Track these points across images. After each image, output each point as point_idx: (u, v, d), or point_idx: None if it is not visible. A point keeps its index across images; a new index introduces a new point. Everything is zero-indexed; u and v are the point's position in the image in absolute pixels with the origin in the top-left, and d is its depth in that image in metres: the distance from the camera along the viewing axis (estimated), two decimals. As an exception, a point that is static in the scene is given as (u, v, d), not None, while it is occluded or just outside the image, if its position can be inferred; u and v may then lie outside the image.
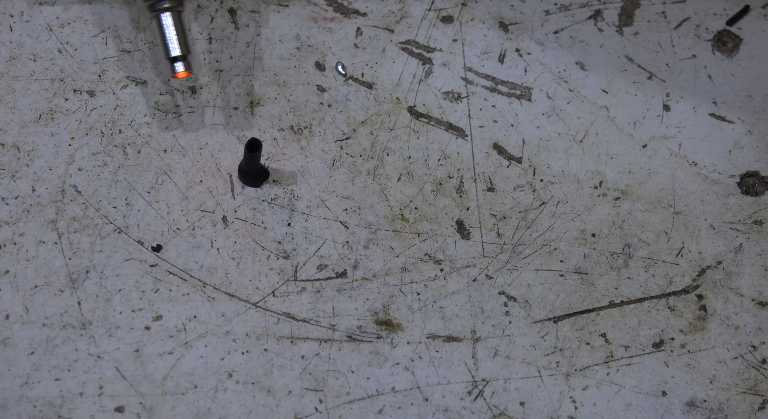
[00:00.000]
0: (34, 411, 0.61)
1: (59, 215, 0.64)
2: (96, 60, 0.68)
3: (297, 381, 0.63)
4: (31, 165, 0.65)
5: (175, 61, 0.63)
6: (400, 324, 0.64)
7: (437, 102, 0.69)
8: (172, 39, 0.63)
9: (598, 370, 0.64)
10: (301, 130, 0.68)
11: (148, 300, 0.63)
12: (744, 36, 0.72)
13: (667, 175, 0.68)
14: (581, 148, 0.69)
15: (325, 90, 0.69)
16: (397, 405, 0.63)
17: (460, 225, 0.66)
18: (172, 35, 0.63)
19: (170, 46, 0.62)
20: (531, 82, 0.70)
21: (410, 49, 0.70)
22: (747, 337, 0.65)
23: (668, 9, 0.72)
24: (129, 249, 0.64)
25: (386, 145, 0.68)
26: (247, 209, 0.65)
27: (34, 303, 0.62)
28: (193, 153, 0.66)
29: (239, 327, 0.63)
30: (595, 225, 0.67)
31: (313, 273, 0.65)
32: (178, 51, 0.63)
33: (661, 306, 0.66)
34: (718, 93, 0.70)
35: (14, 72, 0.67)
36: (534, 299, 0.65)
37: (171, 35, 0.63)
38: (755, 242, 0.67)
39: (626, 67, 0.70)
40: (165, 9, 0.63)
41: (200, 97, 0.67)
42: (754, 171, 0.69)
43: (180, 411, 0.61)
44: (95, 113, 0.66)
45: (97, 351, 0.62)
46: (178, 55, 0.63)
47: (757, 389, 0.64)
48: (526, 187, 0.67)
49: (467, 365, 0.64)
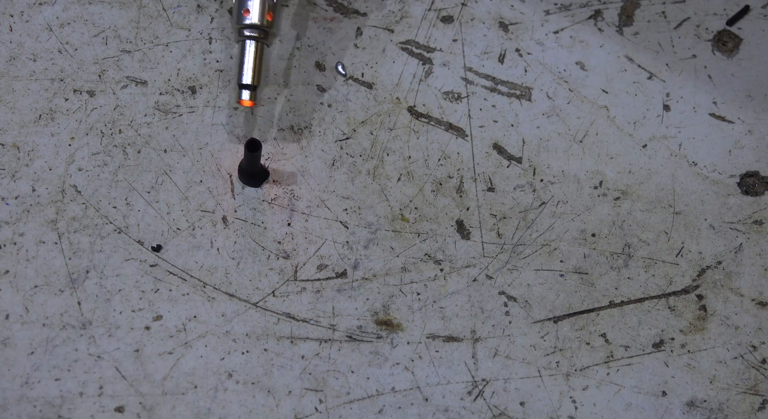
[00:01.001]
0: (34, 411, 0.61)
1: (59, 215, 0.64)
2: (96, 60, 0.68)
3: (297, 381, 0.63)
4: (31, 165, 0.65)
5: (244, 88, 0.64)
6: (400, 324, 0.64)
7: (437, 102, 0.69)
8: (248, 67, 0.64)
9: (598, 370, 0.64)
10: (301, 130, 0.68)
11: (148, 300, 0.63)
12: (744, 36, 0.72)
13: (667, 175, 0.68)
14: (581, 148, 0.69)
15: (325, 90, 0.69)
16: (397, 405, 0.63)
17: (460, 225, 0.66)
18: (250, 64, 0.64)
19: (244, 73, 0.64)
20: (531, 82, 0.70)
21: (410, 49, 0.70)
22: (747, 337, 0.65)
23: (668, 9, 0.72)
24: (129, 249, 0.64)
25: (386, 145, 0.68)
26: (247, 209, 0.65)
27: (34, 303, 0.62)
28: (193, 153, 0.66)
29: (239, 327, 0.63)
30: (595, 225, 0.67)
31: (313, 273, 0.65)
32: (249, 80, 0.64)
33: (661, 306, 0.66)
34: (718, 93, 0.70)
35: (14, 72, 0.67)
36: (534, 299, 0.65)
37: (248, 63, 0.64)
38: (755, 242, 0.67)
39: (626, 67, 0.70)
40: (251, 38, 0.64)
41: (200, 97, 0.67)
42: (754, 171, 0.69)
43: (180, 411, 0.61)
44: (95, 113, 0.66)
45: (97, 351, 0.62)
46: (248, 84, 0.64)
47: (757, 389, 0.64)
48: (526, 187, 0.67)
49: (467, 365, 0.64)
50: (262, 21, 0.64)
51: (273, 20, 0.64)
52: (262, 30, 0.64)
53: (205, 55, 0.68)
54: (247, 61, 0.64)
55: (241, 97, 0.64)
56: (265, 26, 0.64)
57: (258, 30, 0.64)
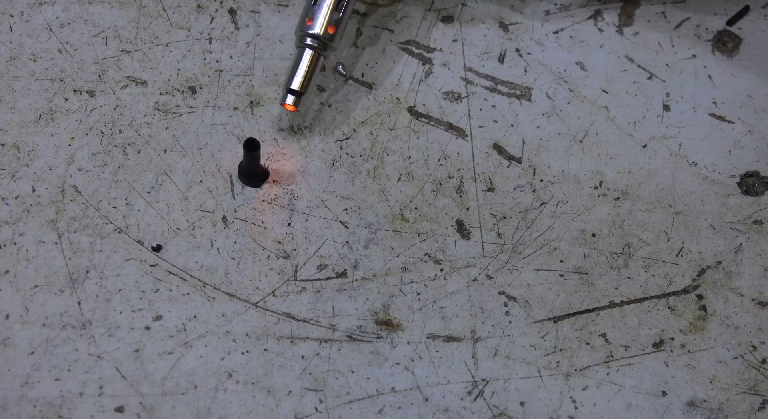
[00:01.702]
0: (34, 411, 0.61)
1: (59, 215, 0.64)
2: (96, 60, 0.68)
3: (297, 381, 0.63)
4: (31, 165, 0.65)
5: (290, 92, 0.65)
6: (400, 324, 0.64)
7: (437, 102, 0.69)
8: (299, 74, 0.65)
9: (598, 370, 0.64)
10: (301, 130, 0.68)
11: (148, 300, 0.63)
12: (744, 36, 0.72)
13: (667, 175, 0.68)
14: (581, 148, 0.69)
15: (325, 90, 0.69)
16: (397, 405, 0.63)
17: (460, 225, 0.66)
18: (302, 71, 0.65)
19: (294, 78, 0.65)
20: (531, 82, 0.70)
21: (410, 49, 0.70)
22: (747, 337, 0.65)
23: (668, 9, 0.72)
24: (129, 249, 0.64)
25: (386, 145, 0.68)
26: (247, 209, 0.65)
27: (34, 303, 0.62)
28: (193, 153, 0.66)
29: (239, 327, 0.63)
30: (595, 225, 0.67)
31: (313, 273, 0.65)
32: (297, 85, 0.64)
33: (661, 306, 0.66)
34: (718, 93, 0.70)
35: (14, 72, 0.67)
36: (534, 299, 0.65)
37: (301, 70, 0.65)
38: (755, 242, 0.67)
39: (626, 67, 0.70)
40: (310, 47, 0.65)
41: (200, 97, 0.67)
42: (754, 171, 0.69)
43: (180, 411, 0.61)
44: (95, 113, 0.66)
45: (97, 351, 0.62)
46: (295, 90, 0.65)
47: (757, 389, 0.64)
48: (526, 187, 0.67)
49: (467, 365, 0.64)
50: (324, 33, 0.64)
51: (334, 34, 0.65)
52: (321, 41, 0.65)
53: (205, 55, 0.68)
54: (301, 68, 0.65)
55: (286, 100, 0.65)
56: (325, 38, 0.65)
57: (317, 40, 0.65)
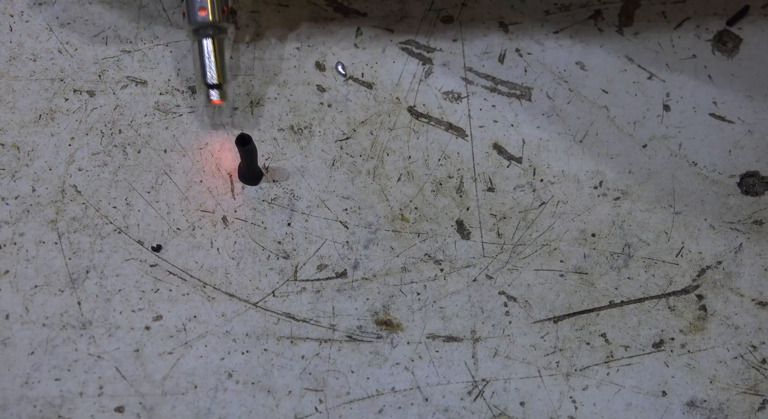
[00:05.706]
0: (34, 411, 0.61)
1: (59, 215, 0.64)
2: (96, 60, 0.68)
3: (297, 381, 0.63)
4: (31, 165, 0.65)
5: (211, 87, 0.63)
6: (400, 324, 0.64)
7: (437, 102, 0.69)
8: (210, 66, 0.62)
9: (598, 370, 0.64)
10: (301, 130, 0.68)
11: (148, 300, 0.63)
12: (744, 36, 0.72)
13: (667, 175, 0.68)
14: (581, 148, 0.69)
15: (325, 90, 0.69)
16: (397, 405, 0.63)
17: (460, 225, 0.66)
18: (212, 62, 0.62)
19: (208, 73, 0.62)
20: (531, 82, 0.70)
21: (410, 49, 0.70)
22: (747, 337, 0.65)
23: (668, 9, 0.72)
24: (129, 249, 0.64)
25: (386, 145, 0.68)
26: (247, 209, 0.65)
27: (34, 303, 0.62)
28: (193, 153, 0.66)
29: (239, 327, 0.63)
30: (595, 225, 0.67)
31: (313, 273, 0.65)
32: (215, 79, 0.62)
33: (661, 306, 0.66)
34: (718, 93, 0.70)
35: (14, 72, 0.67)
36: (534, 299, 0.65)
37: (210, 62, 0.62)
38: (755, 242, 0.67)
39: (626, 67, 0.70)
40: (208, 35, 0.62)
41: (200, 97, 0.67)
42: (754, 171, 0.69)
43: (180, 411, 0.61)
44: (95, 113, 0.66)
45: (97, 351, 0.62)
46: (214, 84, 0.63)
47: (757, 389, 0.64)
48: (526, 187, 0.67)
49: (467, 365, 0.64)
50: (220, 17, 0.61)
51: (226, 13, 0.62)
52: (217, 27, 0.62)
53: (205, 55, 0.68)
54: (209, 61, 0.62)
55: (211, 97, 0.63)
56: (220, 22, 0.62)
57: (214, 27, 0.62)
